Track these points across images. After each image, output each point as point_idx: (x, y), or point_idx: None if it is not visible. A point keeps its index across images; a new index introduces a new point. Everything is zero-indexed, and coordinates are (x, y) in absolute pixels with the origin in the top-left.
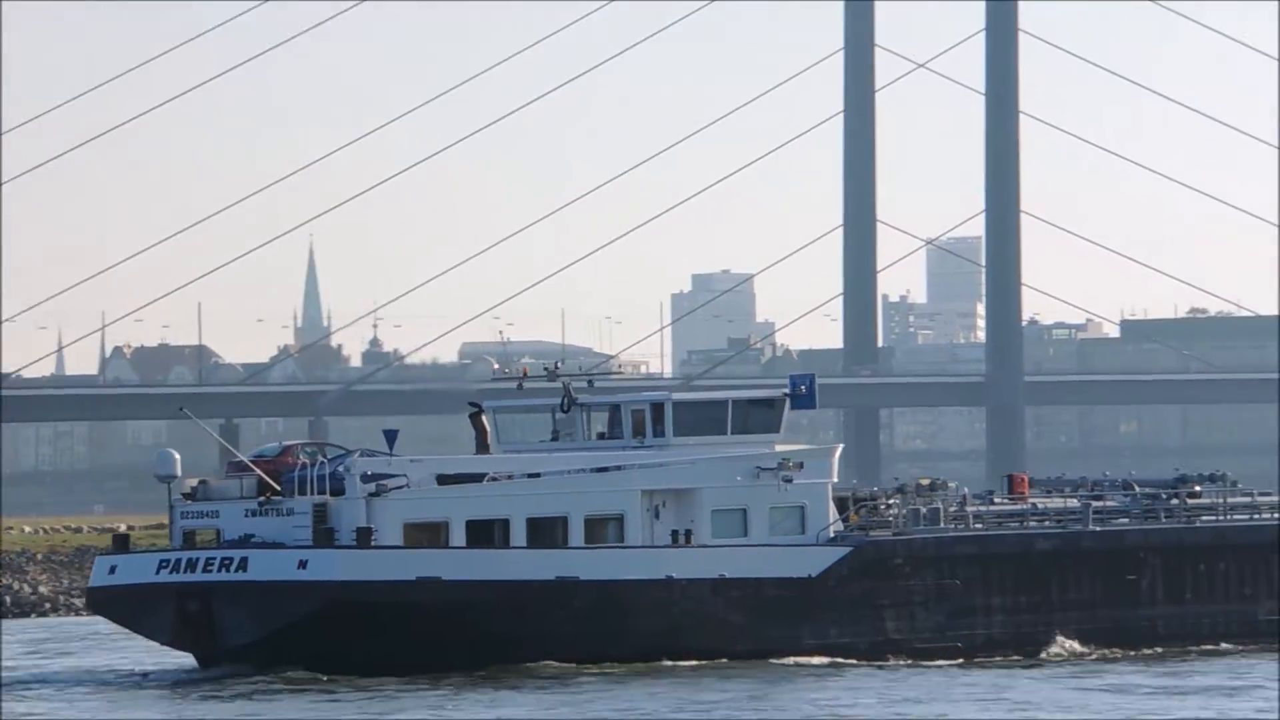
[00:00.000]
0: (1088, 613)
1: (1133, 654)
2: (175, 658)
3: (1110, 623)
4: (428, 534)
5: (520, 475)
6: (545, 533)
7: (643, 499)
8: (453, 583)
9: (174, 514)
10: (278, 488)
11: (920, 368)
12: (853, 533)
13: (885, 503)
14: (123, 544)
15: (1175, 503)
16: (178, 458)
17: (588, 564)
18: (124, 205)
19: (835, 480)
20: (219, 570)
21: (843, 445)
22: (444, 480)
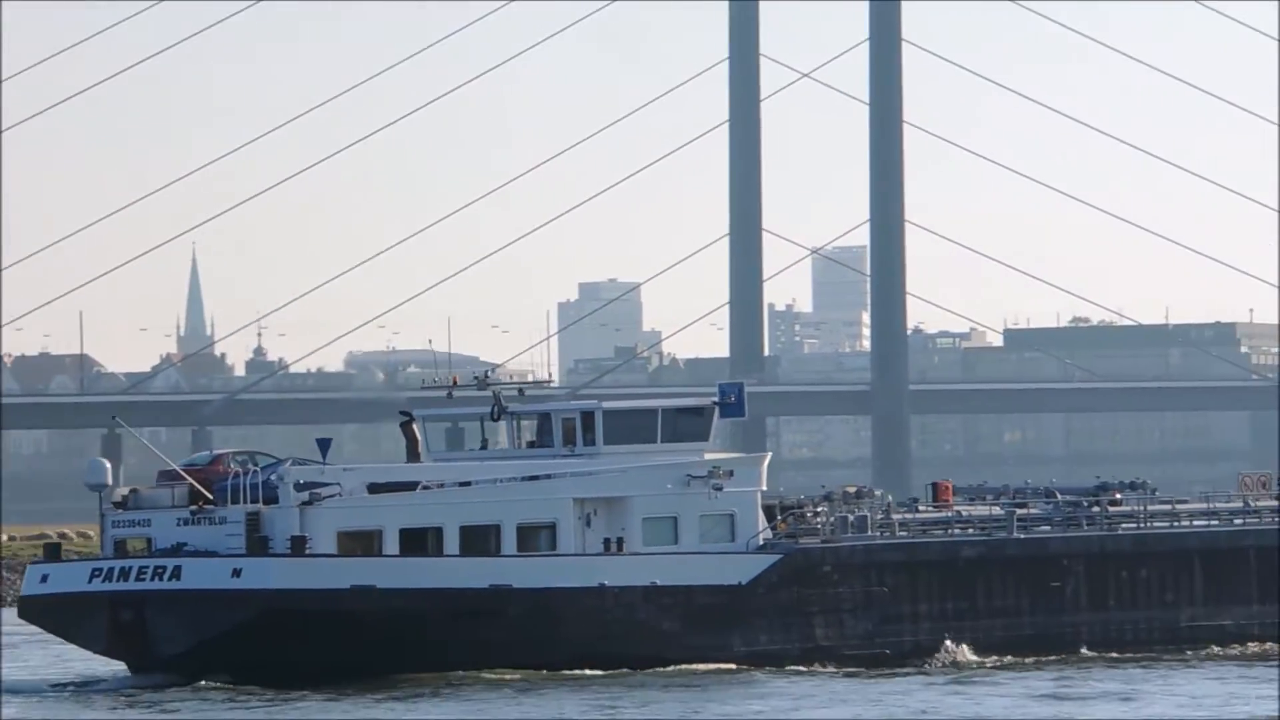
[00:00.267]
0: (1013, 619)
1: (1052, 659)
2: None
3: (1035, 629)
4: (361, 542)
5: (452, 484)
6: (478, 541)
7: (575, 507)
8: (387, 591)
9: (105, 523)
10: (210, 496)
11: (806, 377)
12: (781, 540)
13: (813, 511)
14: (54, 553)
15: (1097, 510)
16: (109, 466)
17: (521, 572)
18: (3, 213)
19: (764, 488)
20: (152, 579)
21: (770, 454)
22: (376, 489)
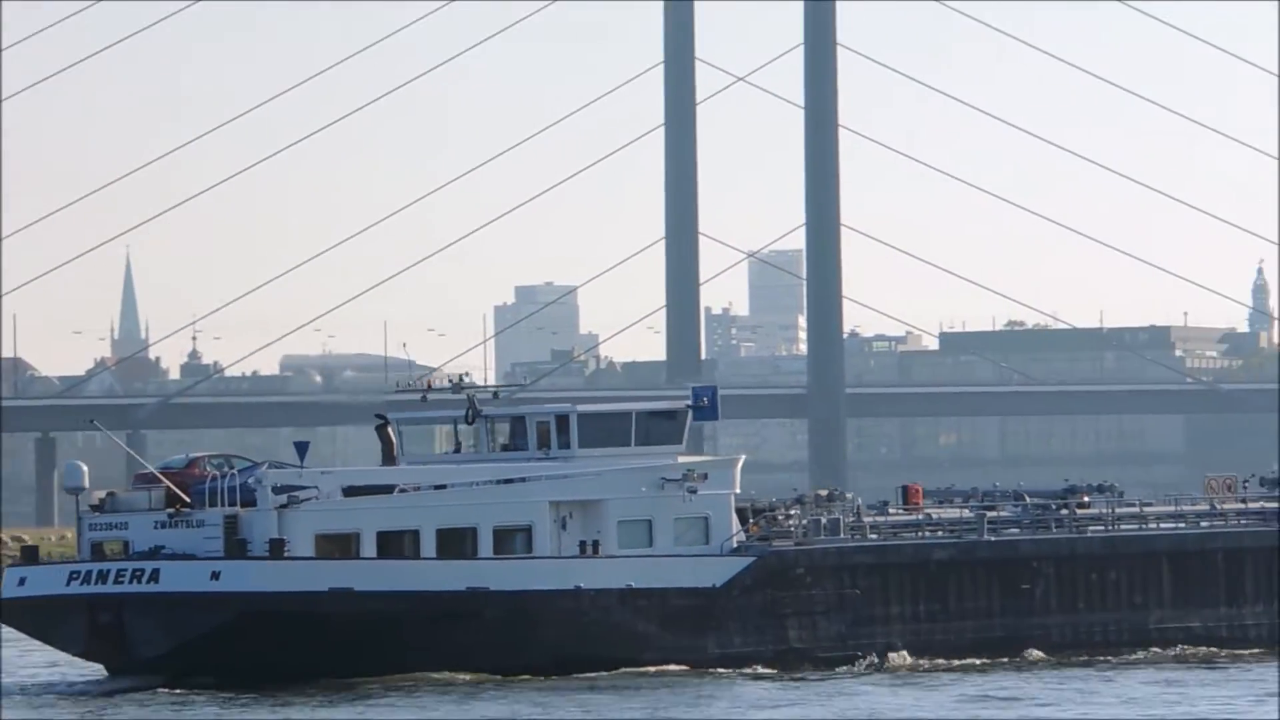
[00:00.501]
0: (984, 621)
1: (1018, 661)
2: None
3: (1005, 630)
4: (339, 545)
5: (428, 487)
6: (454, 544)
7: (550, 510)
8: (364, 594)
9: (82, 525)
10: (187, 499)
11: (743, 380)
12: (755, 543)
13: (785, 513)
14: (32, 556)
15: (1065, 513)
16: (85, 470)
17: (498, 575)
18: None
19: (738, 491)
20: (130, 581)
21: (744, 457)
22: (352, 492)
